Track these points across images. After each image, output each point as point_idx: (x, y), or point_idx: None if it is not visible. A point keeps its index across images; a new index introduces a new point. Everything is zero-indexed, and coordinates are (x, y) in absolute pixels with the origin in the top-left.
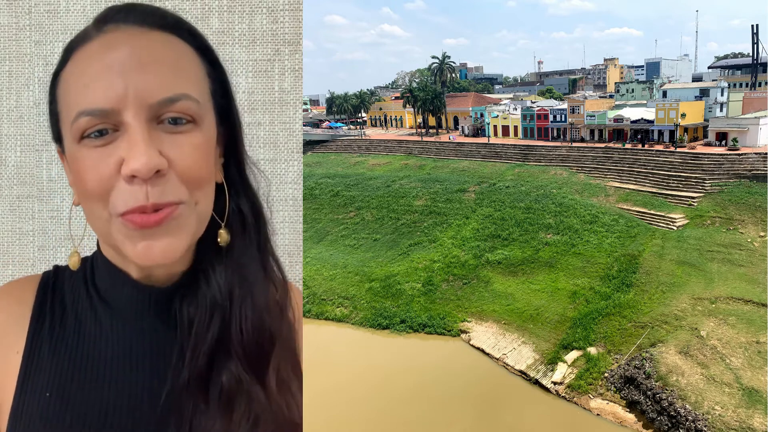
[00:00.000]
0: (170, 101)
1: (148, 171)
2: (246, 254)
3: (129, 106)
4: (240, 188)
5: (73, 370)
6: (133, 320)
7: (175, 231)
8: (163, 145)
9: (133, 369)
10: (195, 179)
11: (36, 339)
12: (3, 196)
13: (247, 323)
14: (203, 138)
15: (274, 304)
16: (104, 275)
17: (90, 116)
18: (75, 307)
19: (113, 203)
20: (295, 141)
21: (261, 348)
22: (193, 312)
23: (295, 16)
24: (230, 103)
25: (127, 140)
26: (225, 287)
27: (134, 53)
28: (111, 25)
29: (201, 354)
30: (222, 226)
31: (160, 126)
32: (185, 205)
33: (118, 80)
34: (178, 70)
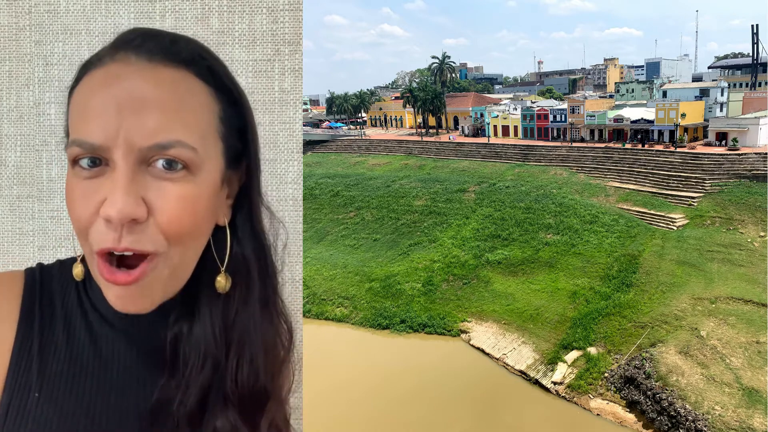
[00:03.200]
0: (161, 147)
1: (120, 219)
2: (248, 305)
3: (119, 146)
4: (248, 234)
5: (62, 374)
6: (123, 329)
7: (147, 290)
8: (148, 191)
9: (122, 378)
10: (175, 232)
11: (26, 337)
12: (3, 196)
13: (242, 374)
14: (195, 189)
15: (273, 356)
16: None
17: (80, 147)
18: (65, 309)
19: (91, 237)
20: (295, 141)
21: (256, 399)
22: (186, 350)
23: (295, 16)
24: (248, 146)
25: (111, 180)
26: (220, 335)
27: (134, 90)
28: (122, 53)
29: (192, 396)
30: (221, 272)
31: (150, 169)
32: (159, 258)
33: (112, 118)
34: (177, 113)
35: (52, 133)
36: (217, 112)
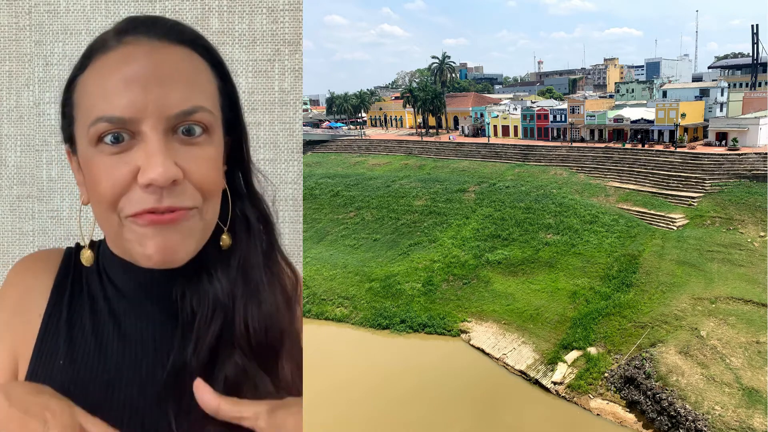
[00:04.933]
0: (188, 113)
1: (165, 180)
2: (251, 257)
3: (148, 117)
4: (245, 195)
5: (84, 343)
6: (138, 301)
7: (186, 233)
8: (179, 156)
9: (138, 347)
10: (208, 189)
11: (56, 307)
12: (3, 196)
13: (253, 321)
14: (215, 149)
15: (282, 302)
16: (112, 265)
17: (108, 122)
18: (89, 285)
19: (122, 206)
20: (295, 141)
21: (269, 343)
22: (196, 306)
23: (295, 16)
24: (237, 114)
25: (144, 150)
26: (227, 288)
27: (155, 67)
28: (131, 37)
29: (204, 346)
30: (225, 231)
31: (175, 137)
32: (196, 212)
33: (139, 92)
34: (194, 83)
35: (52, 133)
36: (216, 84)
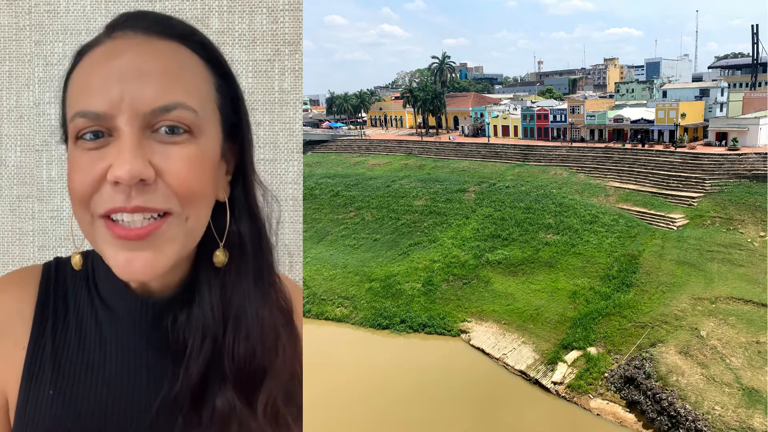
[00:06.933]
0: (164, 110)
1: (130, 178)
2: (243, 280)
3: (123, 112)
4: (244, 210)
5: (75, 370)
6: (131, 327)
7: (158, 245)
8: (154, 155)
9: (131, 374)
10: (185, 192)
11: (40, 336)
12: (3, 196)
13: (239, 351)
14: (198, 151)
15: (269, 332)
16: (104, 277)
17: (84, 117)
18: (77, 307)
19: (94, 204)
20: (295, 141)
21: (252, 376)
22: (187, 333)
23: (295, 16)
24: (241, 119)
25: (117, 146)
26: (218, 312)
27: (135, 61)
28: (119, 31)
29: (194, 374)
30: (220, 246)
31: (154, 135)
32: (173, 218)
33: (115, 86)
34: (177, 79)
35: (52, 133)
36: (212, 83)
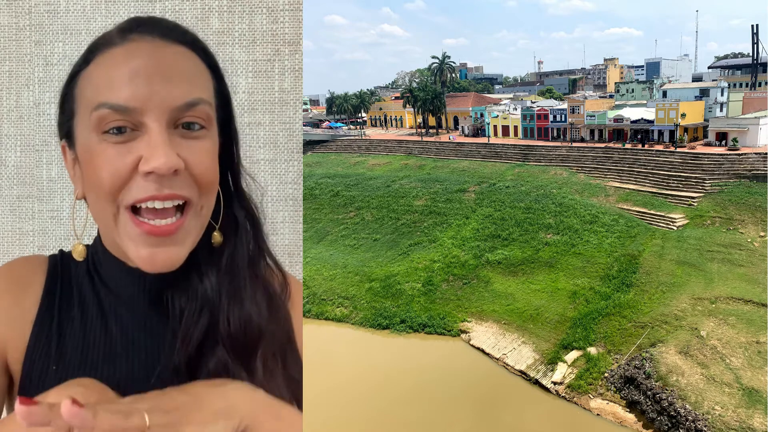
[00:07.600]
0: (190, 105)
1: (167, 169)
2: (238, 257)
3: (151, 109)
4: (234, 195)
5: (76, 348)
6: (131, 305)
7: (181, 239)
8: (180, 149)
9: (131, 350)
10: (207, 182)
11: (46, 312)
12: (3, 196)
13: (234, 317)
14: (212, 144)
15: (262, 300)
16: (104, 262)
17: (111, 110)
18: (80, 290)
19: (122, 197)
20: (295, 141)
21: (247, 340)
22: (185, 304)
23: (295, 16)
24: (230, 115)
25: (147, 141)
26: (215, 285)
27: (158, 62)
28: (135, 35)
29: (191, 342)
30: (216, 229)
31: (176, 131)
32: (192, 212)
33: (143, 84)
34: (195, 80)
35: (52, 133)
36: (213, 85)
